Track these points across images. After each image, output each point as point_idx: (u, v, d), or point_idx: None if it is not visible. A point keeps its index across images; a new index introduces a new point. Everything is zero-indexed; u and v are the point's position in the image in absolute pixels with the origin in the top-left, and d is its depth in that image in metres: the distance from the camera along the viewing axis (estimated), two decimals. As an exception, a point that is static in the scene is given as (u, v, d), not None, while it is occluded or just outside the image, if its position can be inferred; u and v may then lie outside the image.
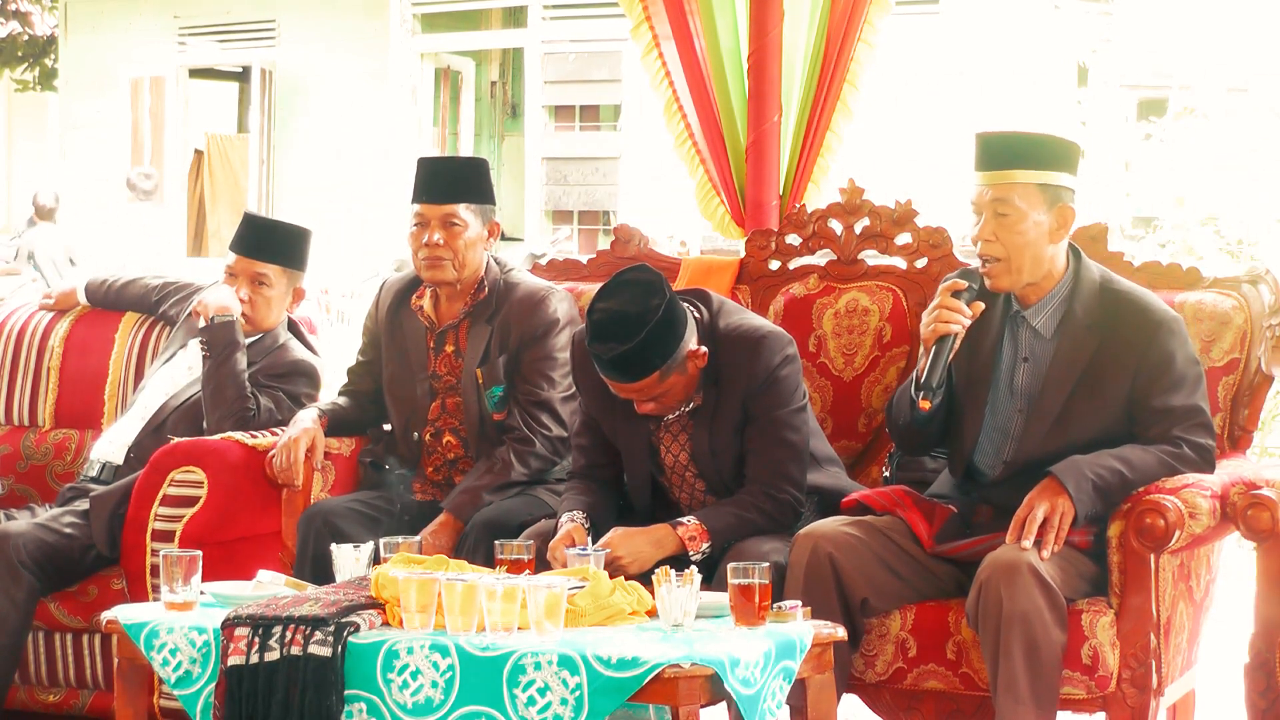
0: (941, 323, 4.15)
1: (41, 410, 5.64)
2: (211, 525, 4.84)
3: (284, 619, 3.73)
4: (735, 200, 5.90)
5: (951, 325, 4.15)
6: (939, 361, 4.15)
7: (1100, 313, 4.17)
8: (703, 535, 4.26)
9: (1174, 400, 4.11)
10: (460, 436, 4.90)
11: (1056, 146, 4.20)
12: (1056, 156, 4.18)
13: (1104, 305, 4.18)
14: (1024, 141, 4.20)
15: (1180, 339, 4.15)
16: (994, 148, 4.19)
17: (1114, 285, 4.22)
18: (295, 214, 9.24)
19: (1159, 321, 4.13)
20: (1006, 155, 4.16)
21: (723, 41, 5.91)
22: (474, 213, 4.83)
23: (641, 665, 3.47)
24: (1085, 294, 4.19)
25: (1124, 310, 4.16)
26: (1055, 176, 4.15)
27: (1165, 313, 4.17)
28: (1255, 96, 11.34)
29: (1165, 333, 4.13)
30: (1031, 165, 4.14)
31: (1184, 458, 4.08)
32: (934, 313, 4.17)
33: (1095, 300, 4.18)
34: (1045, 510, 3.99)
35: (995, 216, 4.15)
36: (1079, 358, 4.16)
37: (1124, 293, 4.20)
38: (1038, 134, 4.25)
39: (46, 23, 19.51)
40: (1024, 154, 4.16)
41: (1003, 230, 4.14)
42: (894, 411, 4.34)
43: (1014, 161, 4.15)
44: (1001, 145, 4.19)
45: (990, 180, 4.16)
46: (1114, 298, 4.19)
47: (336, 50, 14.97)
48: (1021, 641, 3.89)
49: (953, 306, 4.16)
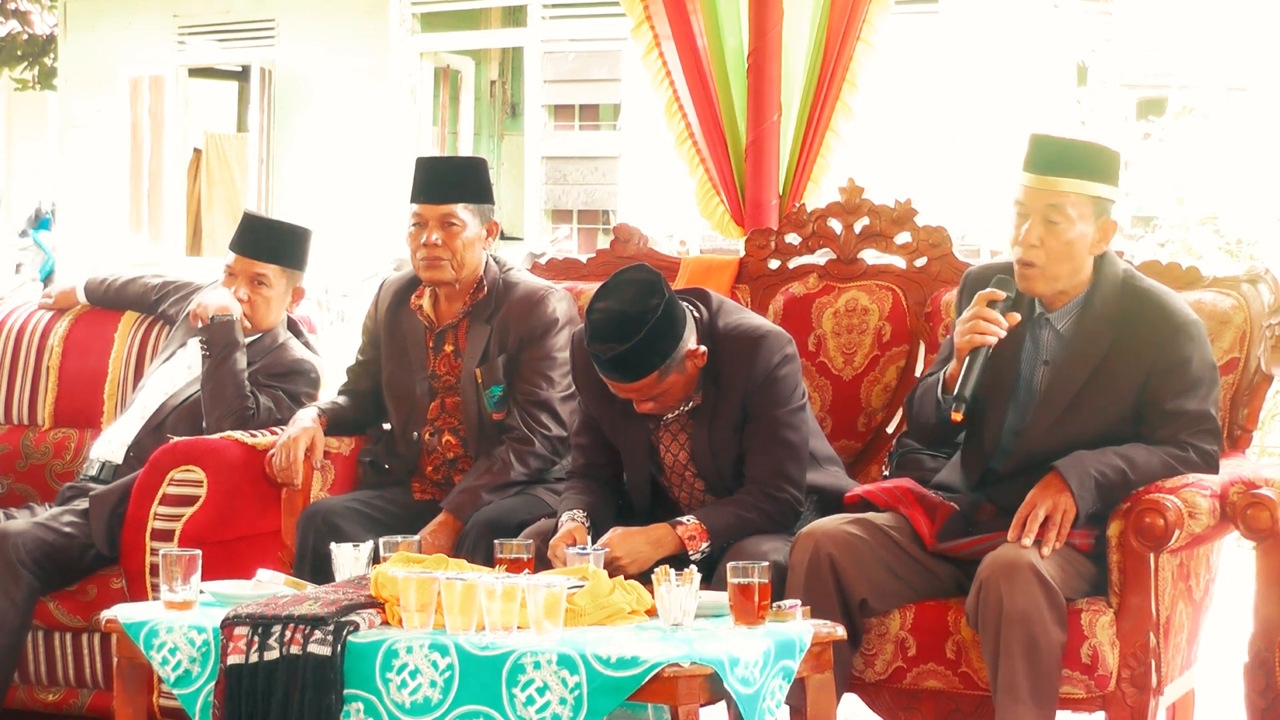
0: (978, 334, 4.09)
1: (41, 409, 5.64)
2: (211, 524, 4.84)
3: (283, 618, 3.73)
4: (735, 200, 5.90)
5: (988, 337, 4.10)
6: (973, 372, 4.10)
7: (1119, 308, 4.14)
8: (702, 535, 4.26)
9: (1187, 404, 4.09)
10: (459, 436, 4.89)
11: (1107, 157, 4.14)
12: (1107, 169, 4.13)
13: (1124, 301, 4.15)
14: (1079, 149, 4.14)
15: (1199, 343, 4.12)
16: (1049, 151, 4.12)
17: (1136, 282, 4.18)
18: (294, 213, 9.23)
19: (1179, 324, 4.11)
20: (1062, 161, 4.09)
21: (723, 41, 5.91)
22: (472, 212, 4.83)
23: (641, 665, 3.47)
24: (1106, 289, 4.16)
25: (1144, 308, 4.13)
26: (1105, 189, 4.11)
27: (1186, 315, 4.13)
28: (1255, 96, 11.34)
29: (1184, 336, 4.10)
30: (1084, 175, 4.09)
31: (1188, 461, 4.07)
32: (970, 322, 4.11)
33: (1116, 295, 4.15)
34: (1047, 508, 3.98)
35: (1045, 223, 4.09)
36: (1093, 350, 4.13)
37: (1146, 291, 4.17)
38: (1091, 143, 4.20)
39: (46, 22, 19.48)
40: (1079, 163, 4.10)
41: (1050, 237, 4.09)
42: (916, 409, 4.30)
43: (1070, 169, 4.09)
44: (1057, 150, 4.12)
45: (1044, 185, 4.09)
46: (1135, 294, 4.16)
47: (336, 50, 14.95)
48: (1021, 641, 3.89)
49: (989, 317, 4.10)
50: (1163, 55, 12.59)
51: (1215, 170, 10.85)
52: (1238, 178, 10.72)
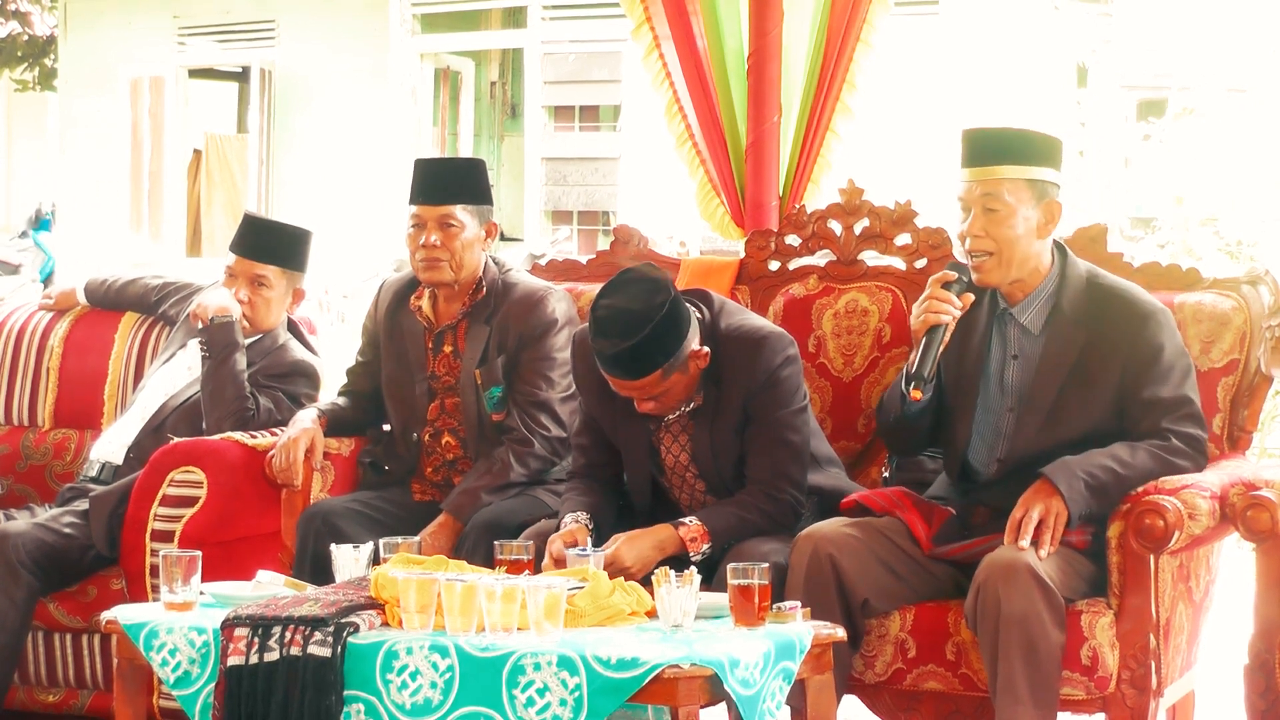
0: (931, 313, 4.16)
1: (41, 410, 5.64)
2: (211, 525, 4.84)
3: (283, 619, 3.73)
4: (735, 201, 5.90)
5: (941, 315, 4.16)
6: (930, 352, 4.16)
7: (1087, 307, 4.18)
8: (703, 536, 4.26)
9: (1162, 391, 4.11)
10: (459, 437, 4.89)
11: (1042, 142, 4.22)
12: (1042, 152, 4.20)
13: (1091, 300, 4.19)
14: (1010, 137, 4.22)
15: (1168, 330, 4.16)
16: (980, 143, 4.21)
17: (1100, 280, 4.23)
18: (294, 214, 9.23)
19: (1146, 314, 4.15)
20: (993, 151, 4.18)
21: (723, 42, 5.91)
22: (471, 213, 4.83)
23: (641, 666, 3.47)
24: (1072, 289, 4.20)
25: (1111, 304, 4.17)
26: (1042, 172, 4.17)
27: (1152, 304, 4.18)
28: (1255, 96, 11.34)
29: (1153, 325, 4.14)
30: (1019, 160, 4.16)
31: (1174, 449, 4.08)
32: (924, 304, 4.19)
33: (1082, 295, 4.20)
34: (1040, 511, 3.99)
35: (985, 212, 4.16)
36: (1068, 353, 4.16)
37: (1110, 287, 4.21)
38: (1023, 130, 4.27)
39: (46, 23, 19.49)
40: (1011, 149, 4.17)
41: (992, 225, 4.16)
42: (883, 410, 4.36)
43: (1001, 157, 4.16)
44: (988, 141, 4.21)
45: (978, 176, 4.17)
46: (1100, 292, 4.20)
47: (336, 50, 14.95)
48: (1020, 642, 3.89)
49: (942, 297, 4.17)
50: (1162, 56, 12.60)
51: (1215, 171, 10.86)
52: (1238, 179, 10.73)
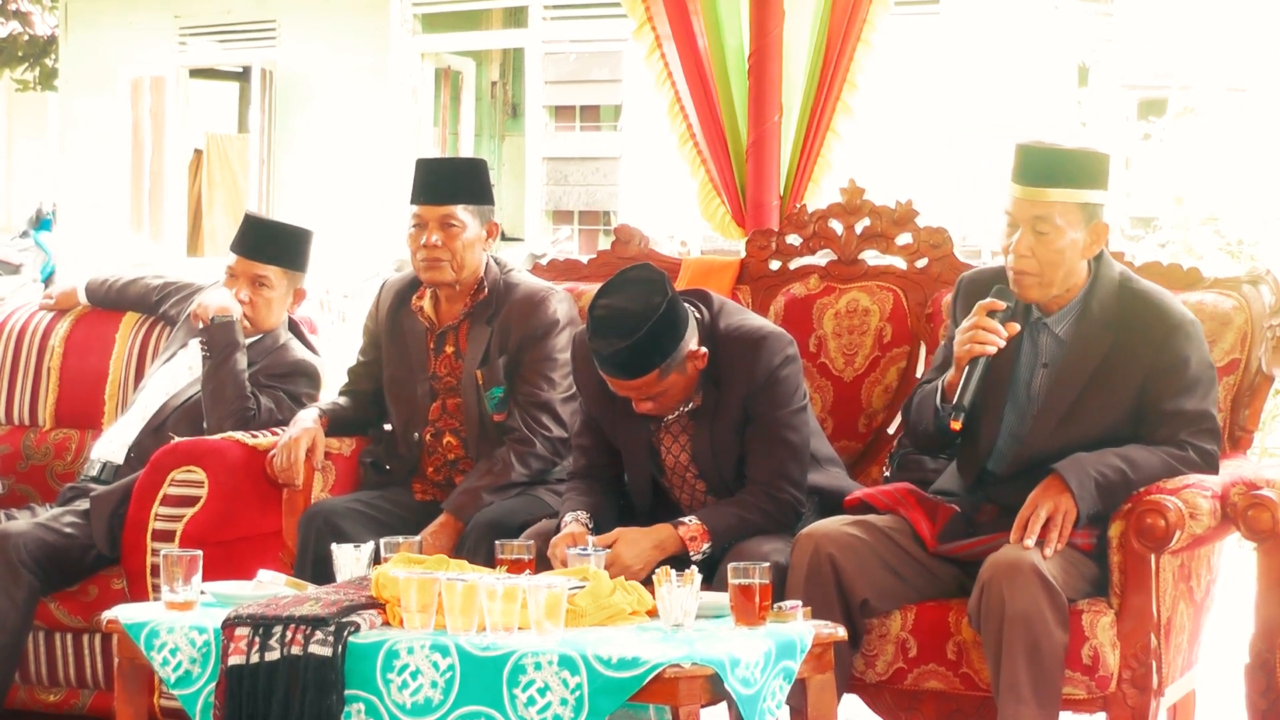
0: (977, 343, 4.09)
1: (42, 410, 5.64)
2: (212, 525, 4.84)
3: (284, 619, 3.73)
4: (736, 200, 5.90)
5: (987, 347, 4.10)
6: (971, 381, 4.10)
7: (1117, 311, 4.14)
8: (704, 535, 4.26)
9: (1185, 404, 4.09)
10: (460, 437, 4.89)
11: (1095, 162, 4.15)
12: (1094, 174, 4.13)
13: (1121, 304, 4.15)
14: (1065, 158, 4.13)
15: (1196, 342, 4.13)
16: (1035, 162, 4.12)
17: (1133, 284, 4.19)
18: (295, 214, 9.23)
19: (1176, 324, 4.11)
20: (1048, 172, 4.10)
21: (724, 42, 5.91)
22: (472, 213, 4.83)
23: (642, 665, 3.47)
24: (1103, 292, 4.16)
25: (1141, 310, 4.14)
26: (1094, 195, 4.12)
27: (1183, 315, 4.14)
28: (1255, 96, 11.34)
29: (1182, 335, 4.11)
30: (1072, 184, 4.09)
31: (1188, 460, 4.07)
32: (970, 332, 4.11)
33: (1113, 298, 4.16)
34: (1048, 510, 3.98)
35: (1034, 233, 4.10)
36: (1093, 354, 4.13)
37: (1143, 292, 4.17)
38: (1077, 150, 4.20)
39: (46, 23, 19.49)
40: (1065, 171, 4.10)
41: (1040, 247, 4.10)
42: (914, 416, 4.30)
43: (1055, 179, 4.09)
44: (1043, 160, 4.12)
45: (1030, 195, 4.10)
46: (1132, 296, 4.16)
47: (337, 50, 14.95)
48: (1023, 642, 3.88)
49: (989, 327, 4.10)
50: (1163, 56, 12.60)
51: (1216, 171, 10.85)
52: (1238, 178, 10.72)
